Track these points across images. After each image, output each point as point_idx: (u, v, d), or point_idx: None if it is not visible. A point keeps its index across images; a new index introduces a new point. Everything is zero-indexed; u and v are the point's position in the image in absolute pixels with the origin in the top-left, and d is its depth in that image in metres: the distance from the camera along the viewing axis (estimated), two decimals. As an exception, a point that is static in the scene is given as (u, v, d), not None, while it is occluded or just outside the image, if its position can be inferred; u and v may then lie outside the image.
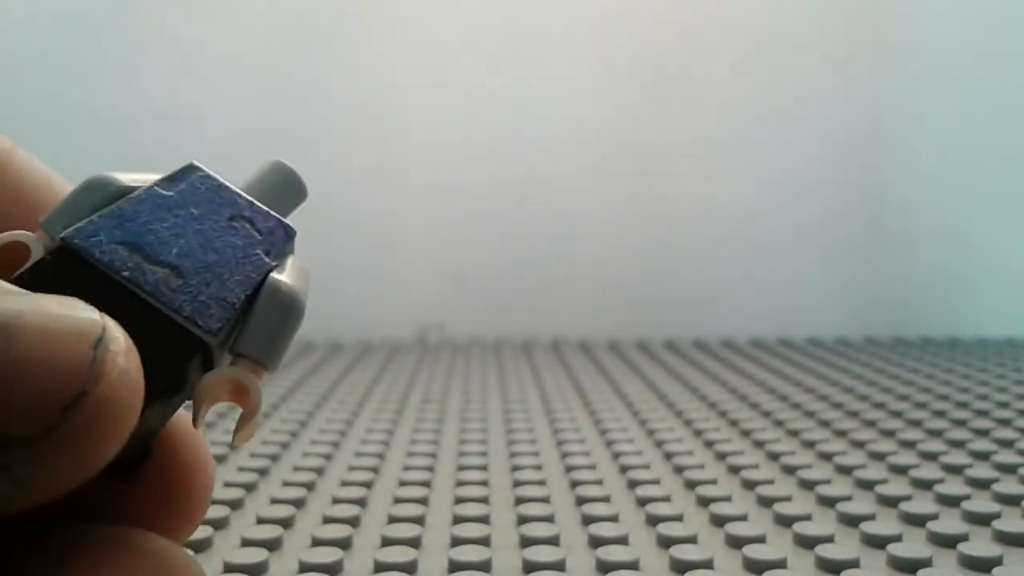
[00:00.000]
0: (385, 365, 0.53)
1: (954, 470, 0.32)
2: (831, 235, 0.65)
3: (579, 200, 0.63)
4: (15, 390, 0.10)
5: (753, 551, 0.24)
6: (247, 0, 0.62)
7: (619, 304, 0.64)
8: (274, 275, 0.14)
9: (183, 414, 0.14)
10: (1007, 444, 0.35)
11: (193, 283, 0.13)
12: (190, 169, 0.14)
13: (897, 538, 0.25)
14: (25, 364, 0.10)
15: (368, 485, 0.30)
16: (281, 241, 0.14)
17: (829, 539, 0.25)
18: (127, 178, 0.14)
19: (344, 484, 0.30)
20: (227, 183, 0.14)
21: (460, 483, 0.30)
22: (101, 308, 0.11)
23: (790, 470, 0.32)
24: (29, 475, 0.10)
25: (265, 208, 0.14)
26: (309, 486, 0.30)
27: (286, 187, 0.15)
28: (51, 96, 0.60)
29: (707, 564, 0.23)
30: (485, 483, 0.30)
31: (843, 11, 0.64)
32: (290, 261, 0.14)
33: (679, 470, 0.32)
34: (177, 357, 0.13)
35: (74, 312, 0.11)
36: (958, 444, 0.35)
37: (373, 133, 0.63)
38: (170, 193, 0.14)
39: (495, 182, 0.63)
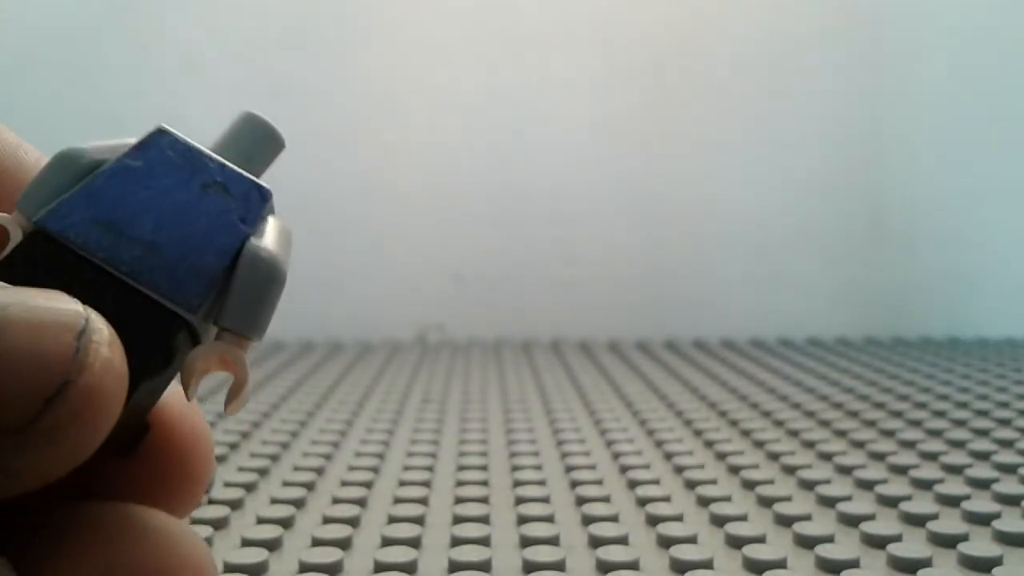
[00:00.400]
0: (385, 365, 0.53)
1: (954, 470, 0.32)
2: (831, 235, 0.65)
3: (579, 200, 0.64)
4: (1, 381, 0.10)
5: (753, 551, 0.24)
6: (247, 0, 0.62)
7: (619, 304, 0.64)
8: (252, 241, 0.14)
9: (178, 389, 0.14)
10: (1007, 444, 0.35)
11: (170, 258, 0.13)
12: (158, 134, 0.14)
13: (897, 538, 0.25)
14: (9, 356, 0.10)
15: (368, 485, 0.30)
16: (257, 204, 0.14)
17: (829, 539, 0.25)
18: (97, 148, 0.14)
19: (344, 484, 0.30)
20: (197, 145, 0.14)
21: (460, 483, 0.30)
22: (81, 291, 0.11)
23: (790, 470, 0.32)
24: (16, 464, 0.10)
25: (238, 170, 0.14)
26: (309, 486, 0.30)
27: (261, 140, 0.15)
28: (51, 96, 0.60)
29: (707, 564, 0.23)
30: (485, 483, 0.31)
31: (843, 11, 0.64)
32: (269, 224, 0.14)
33: (679, 470, 0.32)
34: (160, 335, 0.13)
35: (58, 304, 0.11)
36: (958, 444, 0.35)
37: (373, 133, 0.63)
38: (139, 163, 0.14)
39: (495, 182, 0.63)
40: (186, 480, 0.14)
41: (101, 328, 0.11)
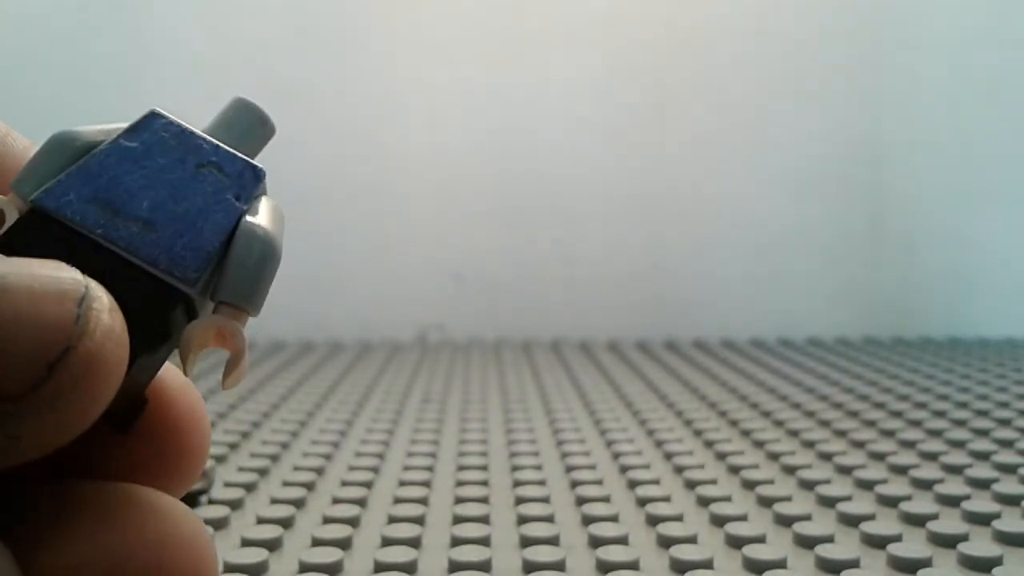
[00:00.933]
0: (385, 365, 0.53)
1: (954, 470, 0.32)
2: (831, 235, 0.65)
3: (579, 200, 0.64)
4: (2, 347, 0.10)
5: (753, 551, 0.24)
6: (247, 1, 0.62)
7: (619, 304, 0.64)
8: (247, 219, 0.14)
9: (174, 367, 0.14)
10: (1007, 444, 0.35)
11: (167, 235, 0.13)
12: (152, 117, 0.14)
13: (897, 538, 0.25)
14: (11, 323, 0.10)
15: (368, 485, 0.30)
16: (251, 183, 0.14)
17: (829, 539, 0.25)
18: (91, 131, 0.14)
19: (344, 484, 0.30)
20: (191, 128, 0.14)
21: (460, 483, 0.30)
22: (79, 266, 0.12)
23: (790, 470, 0.32)
24: (19, 431, 0.10)
25: (231, 151, 0.14)
26: (309, 486, 0.30)
27: (252, 124, 0.15)
28: (51, 96, 0.60)
29: (707, 564, 0.23)
30: (485, 483, 0.31)
31: (843, 11, 0.64)
32: (262, 203, 0.14)
33: (679, 470, 0.32)
34: (158, 309, 0.13)
35: (57, 272, 0.11)
36: (958, 444, 0.35)
37: (373, 133, 0.63)
38: (134, 144, 0.14)
39: (495, 182, 0.63)
40: (184, 456, 0.14)
41: (101, 296, 0.11)
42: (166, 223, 0.13)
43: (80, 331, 0.11)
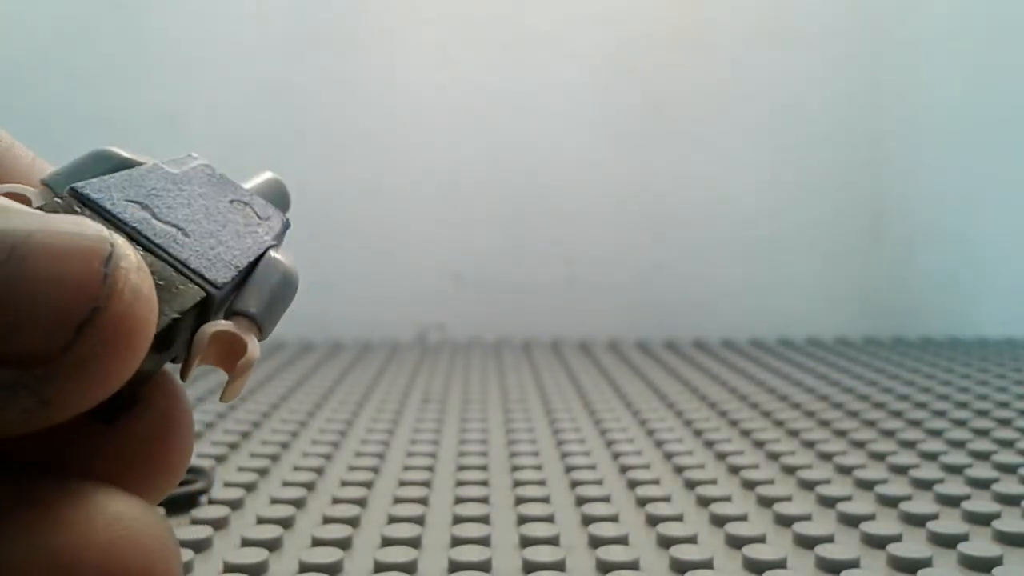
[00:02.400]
0: (385, 365, 0.53)
1: (954, 470, 0.32)
2: (831, 235, 0.65)
3: (579, 200, 0.64)
4: (30, 309, 0.10)
5: (753, 551, 0.24)
6: (247, 1, 0.62)
7: (619, 304, 0.64)
8: (272, 252, 0.15)
9: (170, 372, 0.14)
10: (1007, 444, 0.35)
11: (199, 242, 0.14)
12: (191, 158, 0.15)
13: (897, 538, 0.25)
14: (38, 283, 0.10)
15: (368, 485, 0.30)
16: (279, 227, 0.15)
17: (829, 539, 0.25)
18: (131, 153, 0.15)
19: (344, 484, 0.30)
20: (226, 175, 0.15)
21: (460, 483, 0.30)
22: None
23: (790, 470, 0.32)
24: (48, 394, 0.10)
25: (262, 200, 0.15)
26: (309, 486, 0.30)
27: (278, 197, 0.16)
28: (51, 97, 0.60)
29: (707, 564, 0.23)
30: (485, 483, 0.31)
31: (843, 11, 0.64)
32: (282, 250, 0.15)
33: (679, 470, 0.32)
34: (179, 308, 0.13)
35: (83, 230, 0.11)
36: (958, 444, 0.35)
37: (373, 133, 0.63)
38: (175, 171, 0.15)
39: (496, 182, 0.63)
40: (165, 460, 0.14)
41: (128, 255, 0.11)
42: (199, 234, 0.14)
43: (108, 291, 0.11)
